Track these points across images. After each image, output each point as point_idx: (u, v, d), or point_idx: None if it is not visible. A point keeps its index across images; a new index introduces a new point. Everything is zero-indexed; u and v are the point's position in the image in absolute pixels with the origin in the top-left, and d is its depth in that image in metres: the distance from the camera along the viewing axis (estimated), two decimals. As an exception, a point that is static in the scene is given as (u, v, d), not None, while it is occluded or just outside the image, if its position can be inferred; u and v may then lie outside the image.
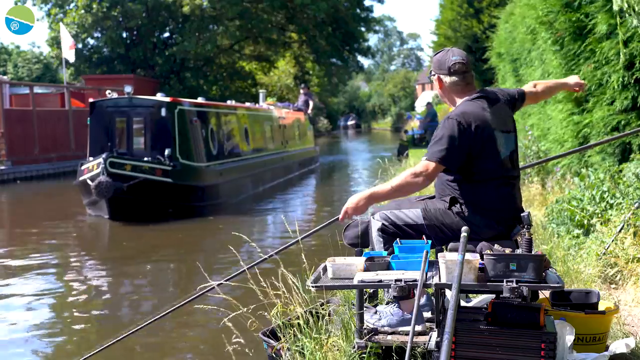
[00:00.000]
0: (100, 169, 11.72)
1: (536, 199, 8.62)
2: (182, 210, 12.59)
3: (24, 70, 42.30)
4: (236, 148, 16.14)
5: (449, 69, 3.65)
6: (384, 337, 3.39)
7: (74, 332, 6.43)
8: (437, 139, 3.55)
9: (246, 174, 15.79)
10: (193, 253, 10.04)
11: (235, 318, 3.80)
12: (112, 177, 11.59)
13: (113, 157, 11.95)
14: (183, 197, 12.74)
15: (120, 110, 13.22)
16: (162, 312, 4.55)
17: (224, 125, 15.42)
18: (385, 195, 3.60)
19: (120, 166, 11.98)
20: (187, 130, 13.16)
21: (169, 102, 13.14)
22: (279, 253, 4.33)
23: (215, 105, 16.23)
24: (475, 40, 24.39)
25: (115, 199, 11.76)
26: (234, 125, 16.22)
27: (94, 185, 11.53)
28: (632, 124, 6.36)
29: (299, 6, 31.05)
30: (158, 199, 12.40)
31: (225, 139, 15.25)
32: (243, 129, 16.80)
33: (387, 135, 55.17)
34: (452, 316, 2.74)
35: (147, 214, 12.18)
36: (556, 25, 7.62)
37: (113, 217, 12.12)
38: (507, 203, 3.59)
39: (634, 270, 4.93)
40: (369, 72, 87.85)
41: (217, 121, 15.06)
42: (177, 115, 13.04)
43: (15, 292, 7.75)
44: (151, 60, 32.10)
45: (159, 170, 12.41)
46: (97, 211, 12.67)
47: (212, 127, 14.47)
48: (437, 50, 3.87)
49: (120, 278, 8.68)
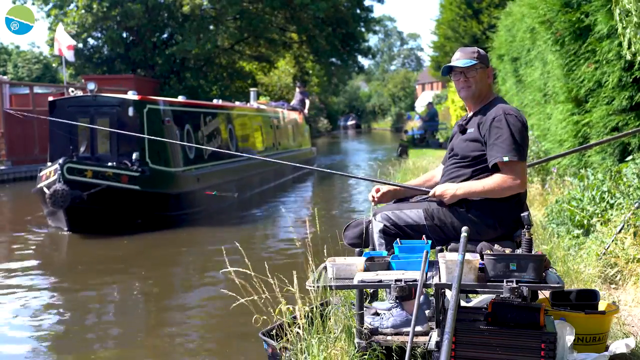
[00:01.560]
0: (57, 175, 10.53)
1: (536, 199, 8.63)
2: (153, 220, 11.34)
3: (24, 70, 42.32)
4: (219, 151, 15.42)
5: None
6: (384, 338, 3.40)
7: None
8: (511, 134, 3.52)
9: (230, 179, 14.43)
10: (161, 269, 8.91)
11: (236, 318, 3.80)
12: (69, 185, 10.37)
13: (71, 163, 10.73)
14: (153, 206, 11.49)
15: (83, 110, 11.88)
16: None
17: (204, 126, 14.16)
18: (473, 194, 3.57)
19: (80, 172, 10.75)
20: (158, 132, 11.90)
21: (137, 100, 11.86)
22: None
23: (194, 104, 14.92)
24: (474, 41, 24.41)
25: (73, 209, 10.53)
26: (217, 126, 14.96)
27: (49, 194, 10.33)
28: (630, 125, 6.36)
29: (299, 6, 31.06)
30: (124, 208, 11.17)
31: (205, 141, 14.01)
32: (228, 130, 15.66)
33: (387, 135, 55.16)
34: (452, 316, 2.75)
35: (112, 225, 10.95)
36: (556, 25, 7.63)
37: (72, 229, 10.87)
38: (516, 205, 3.61)
39: (634, 270, 4.93)
40: (369, 72, 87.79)
41: (196, 122, 13.88)
42: (147, 115, 11.83)
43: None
44: (151, 60, 32.10)
45: (124, 176, 11.14)
46: (56, 222, 11.37)
47: (189, 128, 13.32)
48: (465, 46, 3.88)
49: (75, 301, 7.42)
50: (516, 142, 3.51)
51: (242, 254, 3.96)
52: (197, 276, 8.50)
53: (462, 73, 3.72)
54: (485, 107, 3.70)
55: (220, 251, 4.43)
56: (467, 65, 3.69)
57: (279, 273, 3.86)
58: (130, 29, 31.37)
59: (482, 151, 3.61)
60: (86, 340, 6.02)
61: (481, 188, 3.54)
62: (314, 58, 37.28)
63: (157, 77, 31.72)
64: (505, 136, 3.51)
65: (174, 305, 7.15)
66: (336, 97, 65.44)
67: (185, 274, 8.79)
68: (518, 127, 3.55)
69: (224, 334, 6.00)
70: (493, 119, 3.58)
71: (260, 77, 37.86)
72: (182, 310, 6.93)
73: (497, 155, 3.50)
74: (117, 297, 7.72)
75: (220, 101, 17.63)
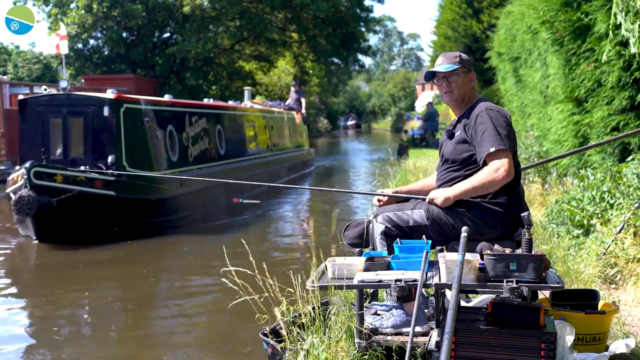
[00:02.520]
0: (23, 180, 9.67)
1: (536, 199, 8.63)
2: (131, 228, 10.51)
3: (24, 70, 42.29)
4: (206, 153, 13.89)
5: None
6: (384, 338, 3.40)
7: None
8: (494, 128, 3.56)
9: (217, 183, 13.08)
10: (138, 280, 8.25)
11: (236, 317, 3.80)
12: (37, 191, 9.54)
13: (39, 166, 9.87)
14: (130, 212, 10.64)
15: (56, 110, 11.01)
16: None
17: (189, 127, 13.17)
18: (466, 194, 3.58)
19: (49, 177, 9.87)
20: (136, 133, 11.13)
21: (113, 99, 10.98)
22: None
23: (179, 103, 13.92)
24: (475, 40, 24.43)
25: (41, 216, 9.69)
26: (204, 127, 13.87)
27: (14, 200, 9.52)
28: (630, 125, 6.37)
29: (299, 6, 31.07)
30: (98, 215, 10.30)
31: (190, 143, 13.06)
32: (216, 131, 14.59)
33: (387, 135, 55.17)
34: (452, 316, 2.75)
35: (85, 233, 10.14)
36: (556, 25, 7.63)
37: (41, 239, 10.01)
38: (515, 202, 3.63)
39: (634, 270, 4.93)
40: (369, 72, 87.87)
41: (180, 122, 12.94)
42: (124, 114, 10.98)
43: None
44: (151, 60, 32.11)
45: (98, 181, 10.26)
46: (26, 230, 10.49)
47: (171, 129, 12.39)
48: (435, 51, 3.96)
49: (42, 318, 6.81)
50: (500, 133, 3.55)
51: (241, 254, 3.96)
52: (196, 277, 8.46)
53: (445, 78, 3.79)
54: (470, 109, 3.76)
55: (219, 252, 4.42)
56: (448, 70, 3.76)
57: (279, 273, 3.86)
58: (130, 29, 31.37)
59: (471, 152, 3.65)
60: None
61: (470, 185, 3.56)
62: (314, 58, 37.30)
63: (157, 77, 31.73)
64: (489, 130, 3.56)
65: (173, 306, 7.15)
66: (336, 97, 65.43)
67: (183, 274, 8.68)
68: (501, 120, 3.61)
69: (224, 334, 6.00)
70: (476, 117, 3.64)
71: (260, 76, 37.86)
72: (182, 310, 6.93)
73: (484, 149, 3.55)
74: (91, 309, 7.15)
75: (212, 100, 16.87)
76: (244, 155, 16.34)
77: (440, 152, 3.94)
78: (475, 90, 3.90)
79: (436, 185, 3.84)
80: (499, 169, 3.48)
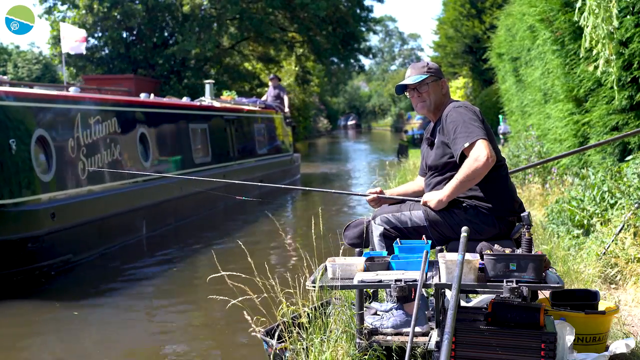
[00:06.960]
0: None
1: (536, 199, 8.63)
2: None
3: (24, 70, 42.29)
4: (115, 166, 9.88)
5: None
6: (384, 338, 3.40)
7: None
8: (464, 122, 3.58)
9: (129, 209, 10.05)
10: (138, 280, 7.47)
11: (236, 317, 3.79)
12: None
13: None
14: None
15: None
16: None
17: (85, 131, 9.28)
18: (456, 191, 3.58)
19: None
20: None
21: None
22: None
23: (71, 98, 9.52)
24: (476, 40, 24.44)
25: None
26: (109, 130, 9.93)
27: None
28: (630, 124, 6.36)
29: (299, 5, 31.09)
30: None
31: (83, 154, 9.15)
32: (137, 137, 10.77)
33: (387, 135, 55.18)
34: (452, 316, 2.74)
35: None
36: (556, 25, 7.63)
37: None
38: (507, 196, 3.64)
39: (634, 270, 4.93)
40: (369, 72, 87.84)
41: (69, 124, 9.02)
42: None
43: None
44: (151, 60, 32.10)
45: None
46: None
47: (51, 136, 8.53)
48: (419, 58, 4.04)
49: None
50: (470, 126, 3.57)
51: (241, 255, 3.96)
52: (195, 277, 8.46)
53: (415, 89, 3.84)
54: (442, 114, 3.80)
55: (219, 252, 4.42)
56: (417, 81, 3.81)
57: (279, 274, 3.86)
58: (131, 29, 31.39)
59: (451, 153, 3.67)
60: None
61: (457, 181, 3.56)
62: (314, 57, 37.31)
63: (158, 77, 31.73)
64: (460, 126, 3.59)
65: (171, 306, 7.14)
66: (336, 97, 65.44)
67: (181, 274, 8.72)
68: (469, 115, 3.63)
69: (224, 334, 6.00)
70: (446, 116, 3.69)
71: (264, 77, 37.86)
72: (181, 311, 6.92)
73: (459, 146, 3.57)
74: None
75: (152, 97, 12.75)
76: (181, 167, 12.23)
77: (422, 162, 4.00)
78: (448, 95, 3.93)
79: (426, 192, 3.85)
80: (479, 156, 3.48)
